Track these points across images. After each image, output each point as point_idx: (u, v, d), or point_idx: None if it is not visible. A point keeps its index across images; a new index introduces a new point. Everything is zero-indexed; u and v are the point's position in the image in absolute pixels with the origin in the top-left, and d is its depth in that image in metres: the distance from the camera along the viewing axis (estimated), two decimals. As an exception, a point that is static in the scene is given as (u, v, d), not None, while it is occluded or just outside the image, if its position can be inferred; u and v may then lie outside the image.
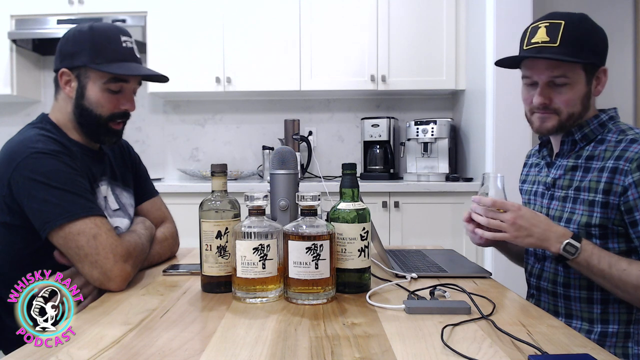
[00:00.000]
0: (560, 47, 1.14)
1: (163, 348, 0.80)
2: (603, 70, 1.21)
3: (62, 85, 1.25)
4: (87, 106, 1.25)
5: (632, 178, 1.09)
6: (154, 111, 3.39)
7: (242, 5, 2.99)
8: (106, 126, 1.28)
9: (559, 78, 1.17)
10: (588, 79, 1.19)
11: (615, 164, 1.13)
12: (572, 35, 1.15)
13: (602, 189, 1.14)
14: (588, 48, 1.16)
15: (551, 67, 1.17)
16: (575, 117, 1.20)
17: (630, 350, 1.15)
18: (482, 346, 0.79)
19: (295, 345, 0.80)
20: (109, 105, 1.26)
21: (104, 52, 1.22)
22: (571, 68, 1.16)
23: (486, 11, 2.57)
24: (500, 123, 2.52)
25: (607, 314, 1.17)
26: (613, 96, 3.04)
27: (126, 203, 1.41)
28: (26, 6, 3.01)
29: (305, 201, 1.03)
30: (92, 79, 1.23)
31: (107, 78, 1.24)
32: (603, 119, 1.22)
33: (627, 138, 1.15)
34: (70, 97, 1.26)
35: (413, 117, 3.17)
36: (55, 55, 1.27)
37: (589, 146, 1.21)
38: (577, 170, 1.21)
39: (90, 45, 1.22)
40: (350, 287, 1.08)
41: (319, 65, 2.99)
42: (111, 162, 1.42)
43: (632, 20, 3.07)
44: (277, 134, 3.21)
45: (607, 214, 1.13)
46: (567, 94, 1.18)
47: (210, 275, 1.11)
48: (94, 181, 1.29)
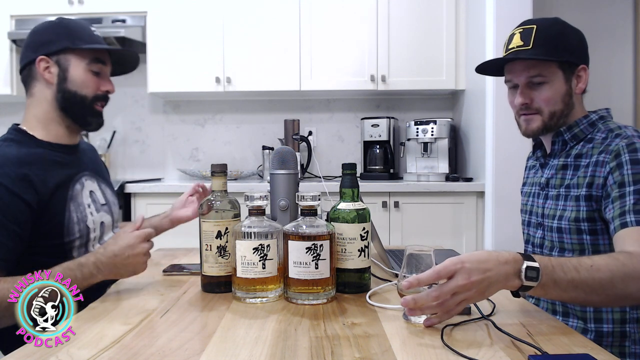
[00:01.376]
0: (534, 49, 1.21)
1: (163, 348, 0.80)
2: (583, 69, 1.24)
3: (40, 72, 1.25)
4: (70, 88, 1.27)
5: (609, 167, 1.12)
6: (154, 111, 3.39)
7: (242, 6, 2.99)
8: (91, 107, 1.30)
9: (535, 77, 1.23)
10: (567, 77, 1.23)
11: (597, 158, 1.16)
12: (544, 37, 1.21)
13: (586, 183, 1.16)
14: (562, 47, 1.21)
15: (527, 68, 1.23)
16: (557, 115, 1.24)
17: (627, 350, 1.15)
18: (482, 346, 0.79)
19: (295, 345, 0.80)
20: (93, 86, 1.29)
21: (81, 37, 1.27)
22: (546, 67, 1.22)
23: (486, 11, 2.57)
24: (500, 123, 2.52)
25: (600, 312, 1.17)
26: (613, 96, 3.05)
27: (111, 200, 1.42)
28: (26, 6, 3.01)
29: (305, 201, 1.03)
30: (74, 61, 1.26)
31: (89, 59, 1.27)
32: (593, 119, 1.25)
33: (613, 134, 1.18)
34: (51, 83, 1.26)
35: (413, 117, 3.17)
36: (24, 49, 1.28)
37: (579, 145, 1.24)
38: (568, 169, 1.24)
39: (67, 31, 1.26)
40: (350, 287, 1.08)
41: (319, 65, 2.99)
42: (90, 159, 1.42)
43: (632, 20, 3.07)
44: (277, 134, 3.21)
45: (592, 206, 1.15)
46: (546, 92, 1.23)
47: (210, 275, 1.11)
48: (74, 175, 1.28)
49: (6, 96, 3.09)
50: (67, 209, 1.23)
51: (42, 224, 1.18)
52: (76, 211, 1.25)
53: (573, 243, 1.19)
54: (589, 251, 1.17)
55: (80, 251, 1.26)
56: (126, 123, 3.37)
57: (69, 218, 1.23)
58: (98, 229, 1.33)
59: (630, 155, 1.10)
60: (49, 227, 1.19)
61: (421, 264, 0.90)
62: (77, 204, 1.26)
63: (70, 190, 1.26)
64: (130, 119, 3.37)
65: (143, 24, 2.99)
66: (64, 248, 1.23)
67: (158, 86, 3.02)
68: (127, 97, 3.36)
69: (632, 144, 1.11)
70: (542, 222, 1.28)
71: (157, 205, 1.67)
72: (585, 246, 1.17)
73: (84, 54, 1.27)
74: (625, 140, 1.13)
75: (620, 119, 1.27)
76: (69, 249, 1.24)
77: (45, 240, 1.19)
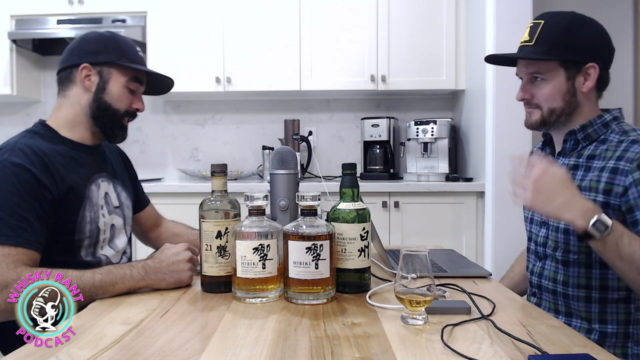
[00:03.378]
0: (535, 46, 1.21)
1: (163, 348, 0.80)
2: (592, 67, 1.20)
3: (80, 79, 1.30)
4: (106, 100, 1.31)
5: (633, 177, 1.09)
6: (154, 111, 3.39)
7: (242, 5, 2.99)
8: (120, 121, 1.35)
9: (535, 75, 1.23)
10: (569, 75, 1.21)
11: (616, 165, 1.13)
12: (547, 35, 1.20)
13: (602, 189, 1.13)
14: (565, 45, 1.19)
15: (527, 65, 1.25)
16: (557, 112, 1.23)
17: (630, 350, 1.15)
18: (482, 346, 0.79)
19: (295, 345, 0.80)
20: (127, 102, 1.34)
21: (128, 54, 1.33)
22: (545, 65, 1.22)
23: (486, 11, 2.57)
24: (500, 123, 2.52)
25: (605, 313, 1.17)
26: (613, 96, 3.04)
27: (124, 203, 1.43)
28: (26, 6, 3.00)
29: (305, 201, 1.03)
30: (115, 76, 1.31)
31: (130, 77, 1.33)
32: (607, 119, 1.22)
33: (629, 139, 1.15)
34: (89, 90, 1.31)
35: (413, 117, 3.17)
36: (69, 52, 1.33)
37: (591, 145, 1.21)
38: (579, 170, 1.21)
39: (116, 46, 1.32)
40: (350, 287, 1.08)
41: (319, 65, 2.99)
42: (110, 161, 1.44)
43: (632, 20, 3.07)
44: (277, 134, 3.21)
45: (607, 214, 1.13)
46: (544, 89, 1.23)
47: (210, 275, 1.11)
48: (90, 175, 1.31)
49: (6, 96, 3.09)
50: (82, 207, 1.25)
51: (56, 219, 1.20)
52: (90, 211, 1.27)
53: (580, 245, 1.17)
54: (595, 254, 1.16)
55: (88, 251, 1.27)
56: (126, 123, 3.37)
57: (82, 216, 1.25)
58: (108, 231, 1.34)
59: None
60: (61, 223, 1.21)
61: (417, 264, 0.90)
62: (92, 205, 1.28)
63: (87, 190, 1.28)
64: (130, 119, 3.37)
65: (143, 24, 3.00)
66: (72, 246, 1.24)
67: (158, 86, 3.02)
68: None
69: None
70: (547, 221, 1.26)
71: (157, 206, 1.67)
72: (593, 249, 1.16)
73: (126, 71, 1.32)
74: None
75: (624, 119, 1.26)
76: (78, 247, 1.25)
77: (57, 235, 1.20)
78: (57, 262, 1.13)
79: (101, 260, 1.30)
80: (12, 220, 1.10)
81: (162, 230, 1.61)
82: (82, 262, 1.25)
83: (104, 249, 1.32)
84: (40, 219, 1.15)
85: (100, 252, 1.31)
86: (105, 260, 1.31)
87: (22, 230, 1.10)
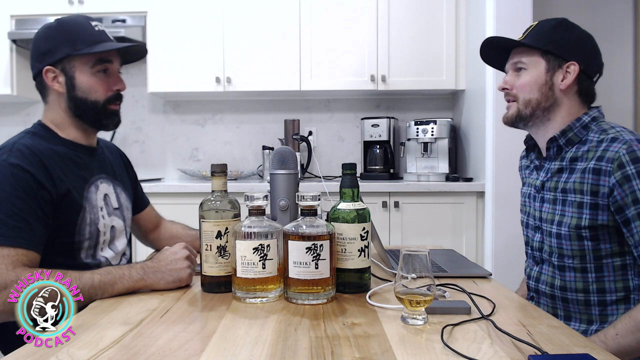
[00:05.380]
0: (524, 39, 1.27)
1: (163, 348, 0.80)
2: (573, 65, 1.22)
3: (49, 84, 1.26)
4: (80, 96, 1.27)
5: (615, 178, 1.10)
6: (154, 111, 3.39)
7: (242, 5, 2.99)
8: (105, 110, 1.30)
9: (517, 63, 1.28)
10: (549, 67, 1.24)
11: (598, 165, 1.13)
12: (537, 30, 1.26)
13: (589, 191, 1.14)
14: (549, 39, 1.23)
15: (513, 55, 1.30)
16: (533, 104, 1.25)
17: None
18: (482, 346, 0.79)
19: (295, 345, 0.80)
20: (102, 89, 1.28)
21: (81, 39, 1.24)
22: (527, 54, 1.26)
23: (486, 11, 2.57)
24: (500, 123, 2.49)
25: (606, 315, 1.17)
26: (613, 96, 3.04)
27: (124, 204, 1.42)
28: (26, 6, 3.00)
29: (305, 201, 1.03)
30: (78, 67, 1.25)
31: (92, 61, 1.26)
32: (585, 121, 1.23)
33: (609, 137, 1.15)
34: (61, 92, 1.27)
35: (413, 117, 3.17)
36: (31, 58, 1.28)
37: (573, 148, 1.23)
38: (563, 172, 1.22)
39: (66, 36, 1.24)
40: (350, 287, 1.08)
41: (319, 65, 2.99)
42: (110, 162, 1.43)
43: (632, 20, 3.06)
44: (277, 134, 3.21)
45: (596, 215, 1.14)
46: (523, 78, 1.26)
47: (210, 275, 1.11)
48: (89, 177, 1.30)
49: (6, 96, 3.09)
50: (82, 209, 1.24)
51: (55, 220, 1.19)
52: (90, 213, 1.26)
53: (573, 249, 1.18)
54: (590, 257, 1.16)
55: (88, 253, 1.27)
56: (126, 123, 3.36)
57: (82, 218, 1.24)
58: (108, 232, 1.33)
59: (635, 167, 1.08)
60: (61, 225, 1.21)
61: (417, 264, 0.90)
62: (92, 206, 1.27)
63: (86, 191, 1.27)
64: (130, 119, 3.37)
65: (143, 24, 3.00)
66: (72, 247, 1.24)
67: (158, 86, 3.02)
68: (127, 97, 3.31)
69: (632, 151, 1.09)
70: (540, 226, 1.27)
71: (157, 206, 1.67)
72: (587, 252, 1.16)
73: (87, 58, 1.26)
74: (624, 147, 1.10)
75: (620, 118, 1.27)
76: (78, 249, 1.25)
77: (56, 237, 1.20)
78: (57, 264, 1.13)
79: (101, 262, 1.30)
80: (11, 221, 1.10)
81: (161, 231, 1.61)
82: (82, 264, 1.25)
83: (104, 251, 1.32)
84: (39, 219, 1.14)
85: (100, 253, 1.31)
86: (105, 262, 1.31)
87: (21, 231, 1.10)
